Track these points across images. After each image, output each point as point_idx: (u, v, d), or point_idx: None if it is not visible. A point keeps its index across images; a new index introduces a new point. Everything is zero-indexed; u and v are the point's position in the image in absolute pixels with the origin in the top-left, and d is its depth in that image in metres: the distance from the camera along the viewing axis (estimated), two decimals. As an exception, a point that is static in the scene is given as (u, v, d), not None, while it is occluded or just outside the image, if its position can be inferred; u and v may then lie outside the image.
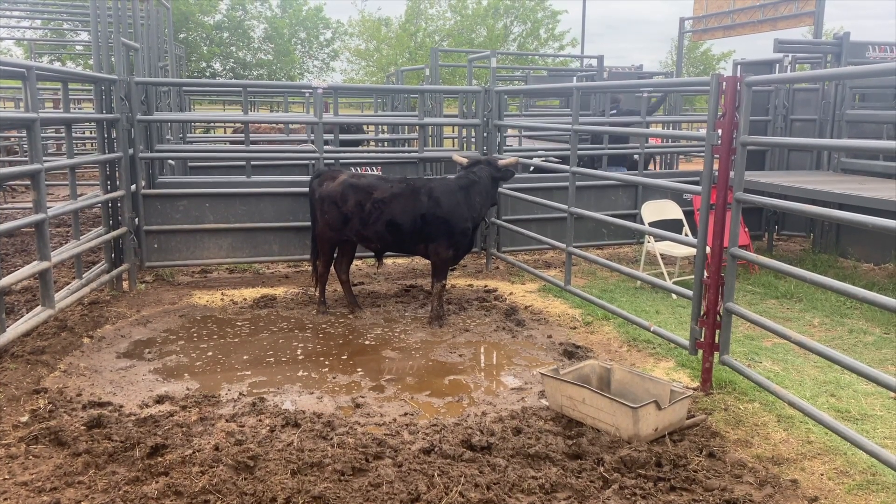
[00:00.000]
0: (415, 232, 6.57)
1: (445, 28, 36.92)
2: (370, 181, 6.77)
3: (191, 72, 30.32)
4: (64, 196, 11.85)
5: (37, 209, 5.46)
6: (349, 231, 6.68)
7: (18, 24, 18.33)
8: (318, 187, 6.79)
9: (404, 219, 6.53)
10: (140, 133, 7.42)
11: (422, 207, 6.52)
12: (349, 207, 6.58)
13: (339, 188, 6.64)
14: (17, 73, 5.49)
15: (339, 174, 6.82)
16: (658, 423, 4.17)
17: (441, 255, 6.62)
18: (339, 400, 4.86)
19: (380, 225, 6.56)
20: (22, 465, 3.77)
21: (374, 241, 6.73)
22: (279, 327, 6.46)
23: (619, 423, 4.17)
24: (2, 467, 3.74)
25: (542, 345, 6.07)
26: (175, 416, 4.45)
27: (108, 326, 6.26)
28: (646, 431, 4.12)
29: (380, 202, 6.55)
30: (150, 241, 7.56)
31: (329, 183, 6.72)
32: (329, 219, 6.69)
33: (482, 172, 6.86)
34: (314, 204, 6.84)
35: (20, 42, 23.24)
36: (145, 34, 9.23)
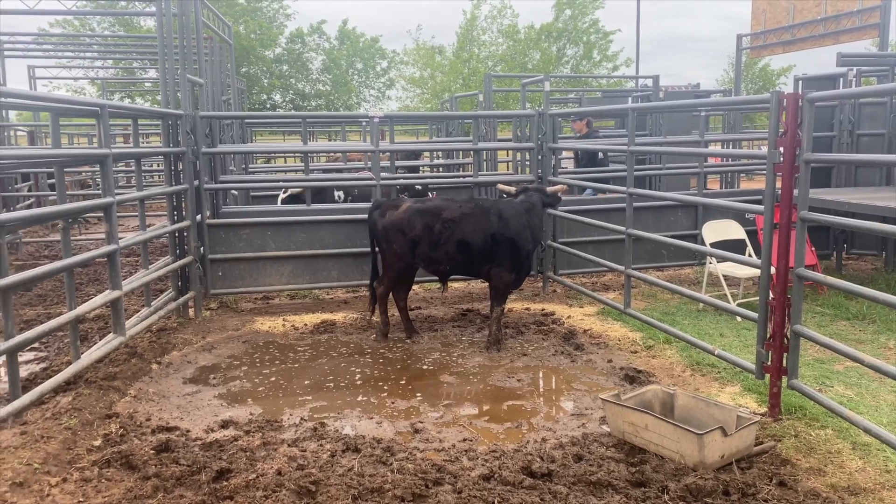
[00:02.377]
0: (484, 252, 6.55)
1: (498, 53, 37.14)
2: (437, 203, 6.80)
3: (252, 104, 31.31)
4: (133, 227, 12.33)
5: (109, 240, 5.71)
6: (419, 255, 6.64)
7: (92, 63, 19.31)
8: (380, 218, 6.75)
9: (475, 238, 6.53)
10: (205, 165, 7.70)
11: (492, 227, 6.53)
12: (417, 232, 6.55)
13: (404, 215, 6.62)
14: (91, 111, 5.78)
15: (401, 202, 6.82)
16: (724, 449, 4.05)
17: (504, 279, 6.60)
18: (399, 425, 4.88)
19: (450, 245, 6.55)
20: (95, 488, 3.91)
21: (443, 263, 6.68)
22: (339, 352, 6.55)
23: (683, 449, 4.06)
24: (76, 490, 3.88)
25: (603, 369, 5.97)
26: (239, 441, 4.54)
27: (175, 353, 6.46)
28: (712, 458, 4.00)
29: (450, 222, 6.55)
30: (215, 269, 7.79)
31: (392, 212, 6.69)
32: (397, 247, 6.64)
33: (535, 198, 6.91)
34: (377, 234, 6.81)
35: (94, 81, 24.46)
36: (209, 70, 9.60)
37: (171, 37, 7.72)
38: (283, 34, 34.55)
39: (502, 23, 37.37)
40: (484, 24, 37.75)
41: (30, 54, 15.31)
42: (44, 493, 3.81)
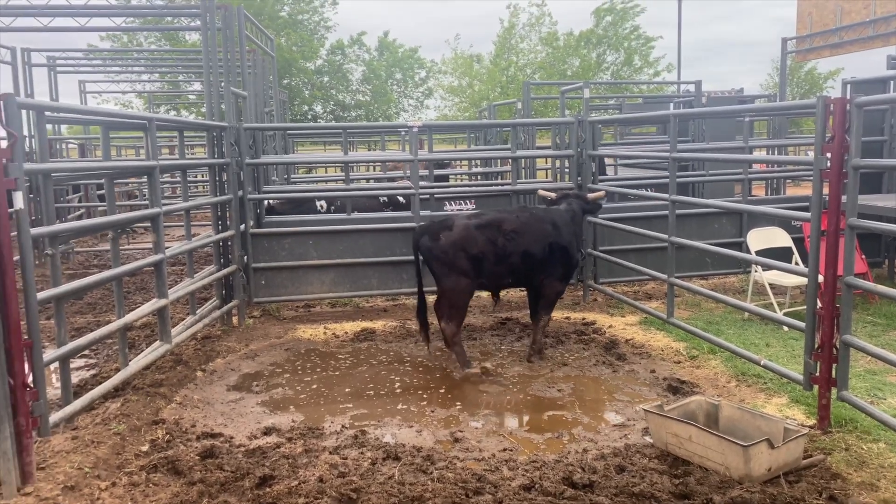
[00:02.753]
0: (542, 261, 6.45)
1: (537, 61, 37.06)
2: (494, 215, 6.55)
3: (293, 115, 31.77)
4: (179, 236, 12.61)
5: (156, 250, 5.85)
6: (484, 272, 6.32)
7: (139, 77, 19.86)
8: (433, 241, 6.29)
9: (536, 248, 6.41)
10: (248, 175, 7.84)
11: (549, 236, 6.48)
12: (480, 247, 6.25)
13: (465, 232, 6.27)
14: (140, 124, 5.94)
15: (451, 221, 6.42)
16: (771, 462, 3.95)
17: (556, 288, 6.56)
18: (438, 434, 4.89)
19: (515, 257, 6.35)
20: (143, 493, 3.99)
21: (507, 276, 6.47)
22: (378, 360, 6.58)
23: (729, 462, 3.98)
24: (125, 494, 3.97)
25: (645, 380, 5.89)
26: (281, 448, 4.60)
27: (219, 360, 6.58)
28: (758, 471, 3.91)
29: (512, 233, 6.36)
30: (258, 277, 7.92)
31: (448, 232, 6.28)
32: (461, 268, 6.22)
33: (576, 205, 6.86)
34: (433, 259, 6.31)
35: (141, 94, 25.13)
36: (252, 82, 9.78)
37: (215, 50, 7.90)
38: (323, 46, 35.03)
39: (541, 30, 37.31)
40: (522, 31, 37.73)
41: (80, 69, 15.80)
42: (94, 496, 3.91)
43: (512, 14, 37.14)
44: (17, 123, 3.92)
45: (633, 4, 36.40)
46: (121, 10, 8.61)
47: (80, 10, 8.17)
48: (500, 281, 6.54)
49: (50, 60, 13.84)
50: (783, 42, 14.85)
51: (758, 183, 13.95)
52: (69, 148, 16.77)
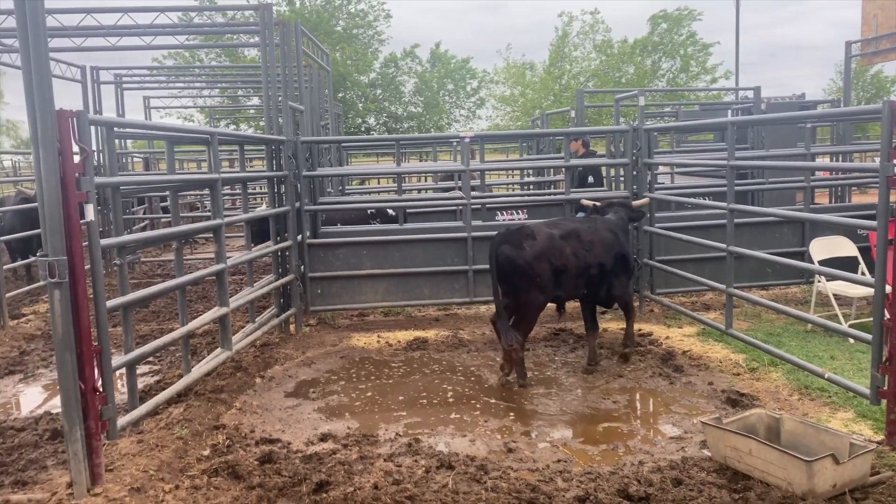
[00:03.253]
0: (611, 271, 6.40)
1: (591, 69, 36.81)
2: (570, 224, 6.44)
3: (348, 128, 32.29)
4: (238, 247, 12.94)
5: (218, 260, 6.03)
6: (563, 284, 6.16)
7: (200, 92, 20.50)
8: (516, 251, 6.01)
9: (607, 258, 6.37)
10: (305, 187, 8.01)
11: (616, 245, 6.47)
12: (564, 258, 6.11)
13: (549, 242, 6.08)
14: (202, 138, 6.15)
15: (530, 229, 6.20)
16: (836, 478, 3.82)
17: (629, 292, 6.49)
18: (492, 443, 4.89)
19: (594, 268, 6.28)
20: (204, 496, 4.11)
21: (583, 287, 6.35)
22: (431, 369, 6.62)
23: (791, 477, 3.87)
24: (188, 497, 4.10)
25: (703, 392, 5.77)
26: (337, 454, 4.67)
27: (277, 367, 6.73)
28: (822, 488, 3.78)
29: (588, 243, 6.29)
30: (314, 286, 8.07)
31: (532, 241, 6.04)
32: (542, 280, 6.02)
33: (622, 213, 6.84)
34: (517, 271, 6.01)
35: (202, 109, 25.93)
36: (308, 96, 10.01)
37: (273, 65, 8.12)
38: (377, 59, 35.55)
39: (595, 38, 37.05)
40: (576, 40, 37.56)
41: (145, 86, 16.41)
42: (158, 498, 4.04)
43: (566, 23, 37.03)
44: (88, 139, 4.11)
45: (689, 11, 35.87)
46: (184, 28, 8.93)
47: (146, 29, 8.52)
48: (577, 292, 6.40)
49: (117, 78, 14.41)
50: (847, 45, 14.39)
51: (821, 191, 13.53)
52: (134, 161, 17.40)
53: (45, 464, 4.70)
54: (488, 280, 8.06)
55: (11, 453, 4.86)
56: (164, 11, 8.14)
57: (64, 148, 3.85)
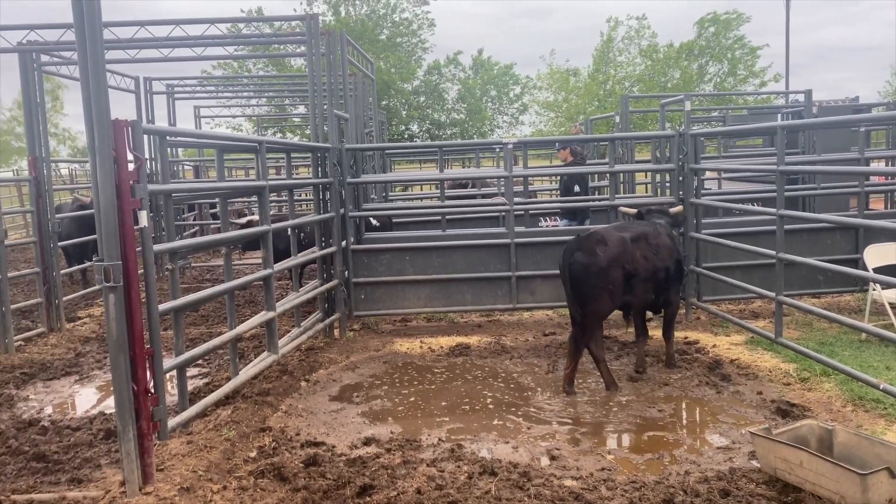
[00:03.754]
0: (672, 277, 6.35)
1: (636, 74, 36.44)
2: (638, 228, 6.35)
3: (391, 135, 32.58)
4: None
5: (265, 265, 6.15)
6: (634, 288, 6.08)
7: (248, 102, 20.93)
8: (590, 257, 5.89)
9: (670, 262, 6.32)
10: (349, 194, 8.12)
11: (674, 250, 6.44)
12: (637, 262, 6.04)
13: (621, 247, 5.98)
14: (251, 146, 6.28)
15: (600, 234, 6.10)
16: (892, 493, 3.70)
17: (678, 302, 6.40)
18: (535, 450, 4.87)
19: (661, 272, 6.22)
20: (251, 497, 4.19)
21: (651, 293, 6.27)
22: (473, 375, 6.63)
23: (844, 490, 3.76)
24: (235, 498, 4.18)
25: (752, 402, 5.65)
26: (381, 459, 4.71)
27: (321, 371, 6.81)
28: (877, 502, 3.67)
29: (656, 247, 6.22)
30: (358, 292, 8.16)
31: (604, 247, 5.93)
32: (615, 286, 5.91)
33: (663, 220, 6.77)
34: (592, 277, 5.88)
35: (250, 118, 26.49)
36: (353, 104, 10.15)
37: (319, 75, 8.25)
38: (421, 67, 35.83)
39: (640, 43, 36.68)
40: (621, 44, 37.25)
41: (195, 95, 16.84)
42: (207, 498, 4.13)
43: (611, 27, 36.75)
44: (141, 147, 4.24)
45: (738, 14, 35.24)
46: (233, 40, 9.13)
47: (196, 40, 8.74)
48: (646, 297, 6.26)
49: (168, 88, 14.82)
50: (903, 46, 13.93)
51: (876, 196, 13.12)
52: (185, 169, 17.85)
53: (99, 462, 4.85)
54: (531, 286, 8.10)
55: (68, 452, 5.03)
56: (214, 23, 8.34)
57: (119, 156, 3.98)
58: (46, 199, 8.78)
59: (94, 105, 3.86)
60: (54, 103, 39.06)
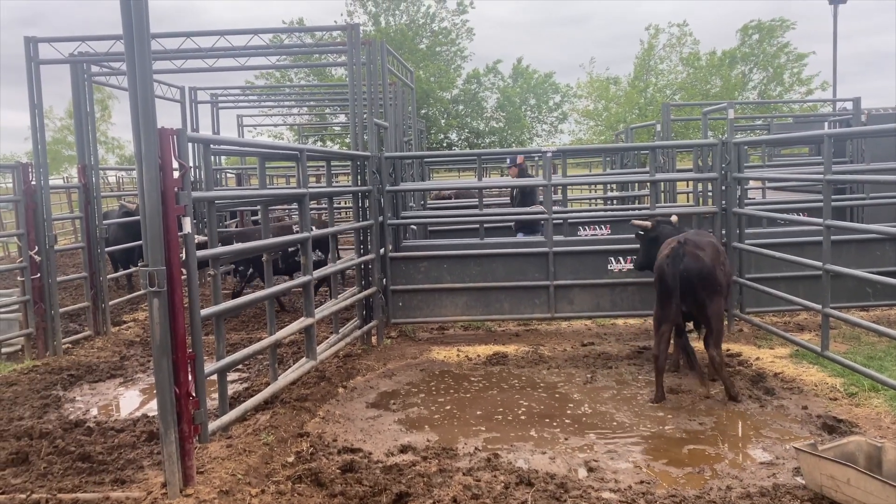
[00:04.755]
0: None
1: (677, 82, 35.99)
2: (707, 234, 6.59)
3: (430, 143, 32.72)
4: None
5: (304, 272, 6.22)
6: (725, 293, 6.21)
7: (289, 110, 21.25)
8: (697, 263, 5.91)
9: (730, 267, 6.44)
10: (388, 202, 8.17)
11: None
12: (726, 266, 6.24)
13: (715, 250, 6.09)
14: (292, 154, 6.37)
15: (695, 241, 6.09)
16: (947, 515, 3.57)
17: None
18: (572, 461, 4.81)
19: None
20: (289, 502, 4.22)
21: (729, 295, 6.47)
22: (511, 385, 6.59)
23: (895, 511, 3.63)
24: (273, 502, 4.22)
25: (796, 416, 5.50)
26: (417, 466, 4.70)
27: (359, 378, 6.85)
28: (931, 524, 3.54)
29: (724, 253, 6.35)
30: (396, 299, 8.20)
31: (703, 252, 5.97)
32: (721, 286, 6.02)
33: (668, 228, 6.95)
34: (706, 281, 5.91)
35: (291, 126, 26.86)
36: (393, 113, 10.22)
37: (359, 84, 8.33)
38: (460, 76, 35.93)
39: (682, 51, 36.24)
40: (662, 52, 36.84)
41: (238, 105, 17.15)
42: (246, 502, 4.18)
43: (652, 35, 36.39)
44: (186, 155, 4.33)
45: (783, 20, 34.58)
46: (276, 50, 9.29)
47: (240, 50, 8.91)
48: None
49: (213, 97, 15.12)
50: (958, 52, 13.51)
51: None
52: (228, 177, 18.17)
53: (141, 464, 4.94)
54: (570, 296, 8.03)
55: (112, 452, 5.14)
56: (257, 33, 8.49)
57: (165, 164, 4.07)
58: (95, 205, 9.03)
59: (141, 114, 3.95)
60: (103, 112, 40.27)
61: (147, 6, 3.94)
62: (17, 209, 7.98)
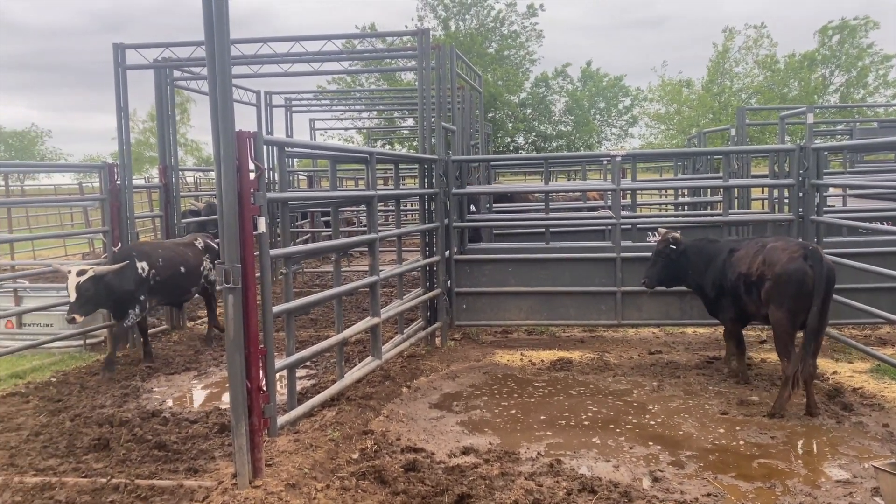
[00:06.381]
0: None
1: (753, 85, 34.89)
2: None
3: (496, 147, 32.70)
4: (390, 261, 13.43)
5: (371, 272, 6.33)
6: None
7: (359, 114, 21.64)
8: (830, 269, 5.82)
9: None
10: (454, 205, 8.22)
11: None
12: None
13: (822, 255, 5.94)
14: (362, 157, 6.50)
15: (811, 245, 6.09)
16: None
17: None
18: (636, 471, 4.74)
19: None
20: (353, 497, 4.31)
21: None
22: (575, 391, 6.53)
23: (983, 538, 3.44)
24: (337, 497, 4.31)
25: (876, 434, 5.26)
26: (479, 469, 4.72)
27: (422, 378, 6.92)
28: None
29: None
30: (460, 301, 8.24)
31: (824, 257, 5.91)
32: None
33: None
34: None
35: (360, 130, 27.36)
36: (460, 117, 10.28)
37: (428, 88, 8.43)
38: (528, 79, 35.80)
39: (758, 53, 35.13)
40: (737, 55, 35.81)
41: (311, 109, 17.58)
42: (311, 496, 4.28)
43: (727, 38, 35.42)
44: (262, 157, 4.48)
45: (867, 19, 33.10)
46: (348, 55, 9.50)
47: (314, 55, 9.15)
48: None
49: (287, 101, 15.56)
50: None
51: None
52: (300, 179, 18.63)
53: (213, 454, 5.13)
54: (638, 302, 7.91)
55: (185, 442, 5.35)
56: (330, 39, 8.71)
57: (242, 165, 4.22)
58: (174, 204, 9.42)
59: (220, 117, 4.11)
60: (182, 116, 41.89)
61: (228, 15, 4.09)
62: (103, 207, 8.40)
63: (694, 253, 6.89)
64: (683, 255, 6.91)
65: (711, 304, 6.86)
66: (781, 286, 5.81)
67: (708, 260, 6.77)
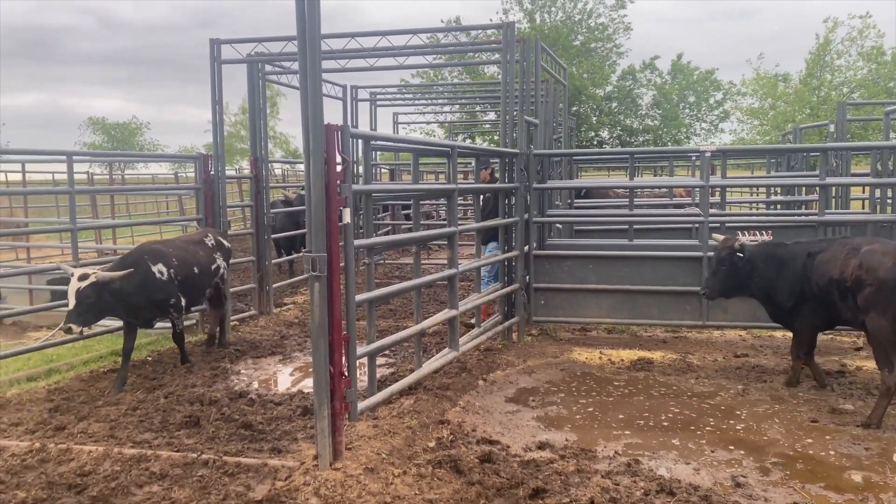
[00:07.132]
0: None
1: (856, 79, 32.99)
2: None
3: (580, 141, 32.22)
4: (468, 255, 13.51)
5: (450, 265, 6.39)
6: None
7: (441, 108, 21.75)
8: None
9: None
10: (534, 199, 8.18)
11: None
12: None
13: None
14: (443, 151, 6.56)
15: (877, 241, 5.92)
16: None
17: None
18: (718, 475, 4.62)
19: None
20: (428, 485, 4.38)
21: None
22: (656, 392, 6.40)
23: None
24: (413, 483, 4.39)
25: (983, 451, 4.93)
26: (554, 464, 4.71)
27: (498, 372, 6.94)
28: None
29: None
30: (538, 297, 8.20)
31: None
32: None
33: None
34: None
35: (442, 124, 27.50)
36: (543, 110, 10.20)
37: (512, 81, 8.39)
38: (614, 72, 35.07)
39: (863, 45, 33.18)
40: (840, 47, 33.93)
41: (395, 102, 17.81)
42: (388, 480, 4.38)
43: (829, 29, 33.63)
44: (348, 150, 4.60)
45: None
46: (432, 49, 9.57)
47: (399, 50, 9.26)
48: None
49: (371, 95, 15.82)
50: None
51: None
52: (381, 172, 18.94)
53: (296, 436, 5.31)
54: (724, 303, 7.67)
55: (270, 423, 5.56)
56: (416, 33, 8.79)
57: (329, 158, 4.35)
58: (264, 195, 9.77)
59: (310, 111, 4.24)
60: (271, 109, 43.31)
61: (319, 12, 4.21)
62: (198, 196, 8.81)
63: (761, 259, 6.38)
64: (749, 261, 6.40)
65: (785, 312, 6.40)
66: (885, 292, 5.46)
67: (779, 265, 6.30)
